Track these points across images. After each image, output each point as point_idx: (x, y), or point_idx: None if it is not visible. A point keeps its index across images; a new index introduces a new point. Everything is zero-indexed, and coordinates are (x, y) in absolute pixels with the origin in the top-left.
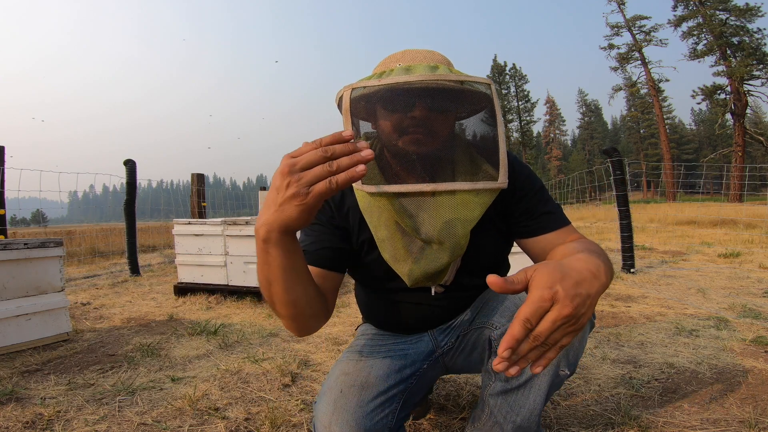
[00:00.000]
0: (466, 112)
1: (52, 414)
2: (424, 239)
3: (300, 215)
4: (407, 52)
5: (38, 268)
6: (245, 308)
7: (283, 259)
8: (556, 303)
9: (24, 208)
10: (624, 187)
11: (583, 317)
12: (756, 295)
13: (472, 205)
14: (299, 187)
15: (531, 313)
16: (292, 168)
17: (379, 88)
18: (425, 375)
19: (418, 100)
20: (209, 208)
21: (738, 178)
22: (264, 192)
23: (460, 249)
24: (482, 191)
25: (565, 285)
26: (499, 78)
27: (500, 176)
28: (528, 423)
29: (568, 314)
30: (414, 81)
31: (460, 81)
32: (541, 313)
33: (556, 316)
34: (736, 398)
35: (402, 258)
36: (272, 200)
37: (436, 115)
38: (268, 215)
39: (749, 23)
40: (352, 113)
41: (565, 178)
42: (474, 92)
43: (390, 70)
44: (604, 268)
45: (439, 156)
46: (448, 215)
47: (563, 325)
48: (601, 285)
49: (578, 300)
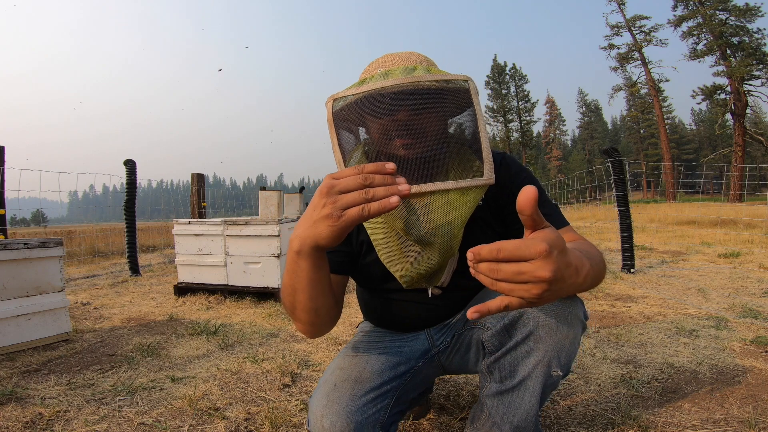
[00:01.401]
0: (447, 111)
1: (52, 414)
2: (415, 241)
3: (330, 235)
4: (387, 56)
5: (38, 268)
6: (245, 308)
7: (311, 271)
8: (539, 260)
9: (24, 208)
10: (624, 187)
11: (545, 294)
12: (756, 295)
13: (459, 204)
14: (333, 209)
15: (512, 247)
16: (331, 189)
17: (358, 97)
18: (420, 373)
19: (396, 103)
20: (209, 208)
21: (738, 178)
22: (264, 192)
23: (451, 250)
24: (468, 189)
25: (560, 257)
26: (499, 78)
27: (485, 172)
28: (525, 423)
29: (540, 277)
30: (389, 86)
31: (437, 80)
32: (518, 256)
33: (528, 269)
34: (736, 398)
35: (397, 260)
36: (309, 216)
37: (415, 116)
38: (302, 230)
39: (749, 23)
40: (335, 123)
41: (565, 178)
42: (453, 90)
43: (371, 76)
44: (588, 269)
45: (423, 157)
46: (436, 216)
47: (527, 283)
48: (578, 282)
49: (559, 275)
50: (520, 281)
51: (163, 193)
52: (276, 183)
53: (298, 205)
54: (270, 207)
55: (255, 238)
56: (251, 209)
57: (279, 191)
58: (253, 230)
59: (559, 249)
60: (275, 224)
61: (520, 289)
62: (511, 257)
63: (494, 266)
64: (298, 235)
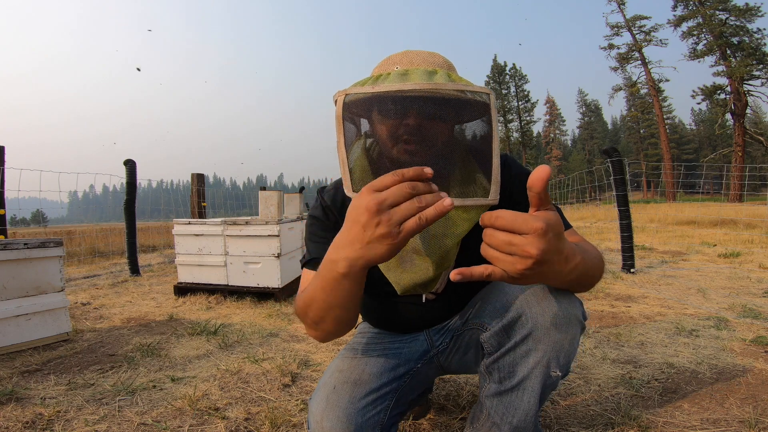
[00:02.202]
0: (462, 123)
1: (52, 414)
2: (413, 251)
3: (390, 253)
4: (407, 53)
5: (38, 268)
6: (245, 308)
7: (355, 289)
8: (532, 236)
9: (24, 208)
10: (624, 187)
11: (528, 272)
12: (756, 295)
13: (459, 220)
14: (391, 227)
15: (510, 218)
16: (381, 205)
17: (372, 95)
18: (419, 374)
19: (411, 108)
20: (209, 208)
21: (738, 178)
22: (264, 192)
23: (448, 262)
24: (471, 208)
25: (553, 240)
26: (500, 78)
27: (491, 193)
28: (525, 424)
29: (528, 253)
30: (407, 89)
31: (458, 90)
32: (514, 227)
33: (518, 242)
34: (736, 398)
35: (393, 267)
36: (357, 237)
37: (428, 123)
38: (351, 252)
39: (749, 23)
40: (344, 119)
41: (565, 178)
42: (472, 102)
43: (387, 74)
44: (578, 262)
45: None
46: (436, 229)
47: (513, 255)
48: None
49: (547, 257)
50: (507, 252)
51: (163, 193)
52: (276, 183)
53: (298, 205)
54: (270, 207)
55: (255, 238)
56: (251, 209)
57: (279, 191)
58: (253, 230)
59: (555, 232)
60: (275, 224)
61: (505, 261)
62: (507, 227)
63: (490, 231)
64: (346, 258)
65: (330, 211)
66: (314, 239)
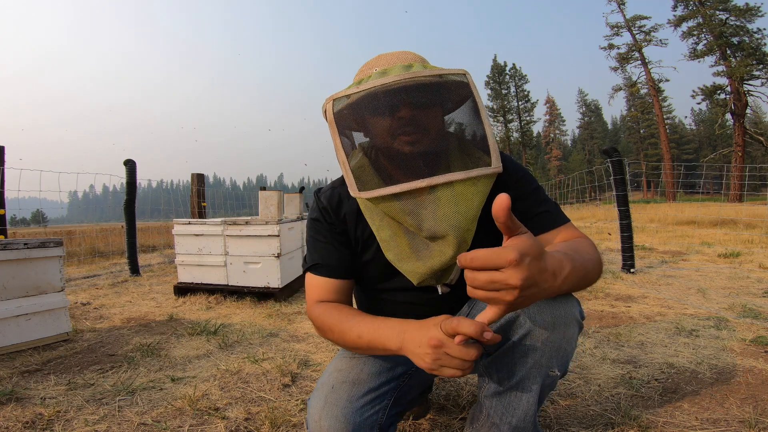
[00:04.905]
0: (448, 105)
1: (52, 414)
2: (429, 236)
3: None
4: (381, 56)
5: (38, 268)
6: (245, 308)
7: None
8: (509, 268)
9: (24, 208)
10: (624, 187)
11: (518, 300)
12: (756, 295)
13: (470, 194)
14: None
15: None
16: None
17: (359, 95)
18: (418, 374)
19: (397, 100)
20: (209, 208)
21: (738, 178)
22: (264, 192)
23: (465, 243)
24: (478, 179)
25: (533, 264)
26: (499, 78)
27: (493, 161)
28: (524, 424)
29: (511, 285)
30: (390, 82)
31: (435, 75)
32: (490, 265)
33: (499, 278)
34: (736, 398)
35: (406, 257)
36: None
37: (418, 112)
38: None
39: (749, 23)
40: (337, 123)
41: (565, 178)
42: (452, 83)
43: (368, 77)
44: (569, 272)
45: (429, 151)
46: (448, 208)
47: (499, 291)
48: (556, 285)
49: (530, 282)
50: (493, 289)
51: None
52: (276, 183)
53: (298, 205)
54: (270, 207)
55: (255, 238)
56: (251, 209)
57: (279, 191)
58: (253, 230)
59: (533, 256)
60: (275, 224)
61: (494, 297)
62: (484, 266)
63: (471, 274)
64: (413, 355)
65: (327, 212)
66: (315, 243)
